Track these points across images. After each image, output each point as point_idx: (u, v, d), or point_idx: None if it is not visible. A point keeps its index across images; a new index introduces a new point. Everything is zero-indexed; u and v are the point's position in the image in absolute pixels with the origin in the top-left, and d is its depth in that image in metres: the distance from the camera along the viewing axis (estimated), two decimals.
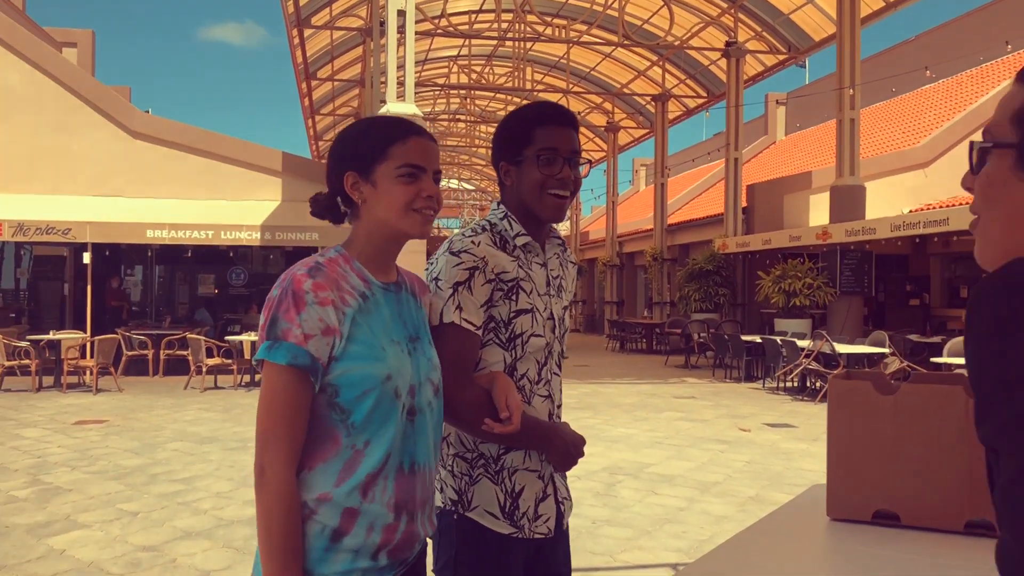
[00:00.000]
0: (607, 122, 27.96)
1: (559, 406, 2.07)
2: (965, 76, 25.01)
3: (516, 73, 23.34)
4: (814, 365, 12.54)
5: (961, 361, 10.53)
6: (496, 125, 2.08)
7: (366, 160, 1.67)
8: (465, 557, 1.91)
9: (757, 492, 6.64)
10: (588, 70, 24.94)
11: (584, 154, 2.06)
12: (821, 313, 16.83)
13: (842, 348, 12.60)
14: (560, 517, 2.03)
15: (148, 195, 15.78)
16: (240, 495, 6.34)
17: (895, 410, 1.79)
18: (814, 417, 10.85)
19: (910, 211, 18.42)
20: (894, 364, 12.79)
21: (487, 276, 1.87)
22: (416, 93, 10.46)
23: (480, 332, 1.88)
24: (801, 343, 13.40)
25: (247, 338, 13.36)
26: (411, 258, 10.57)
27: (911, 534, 1.76)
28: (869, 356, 12.85)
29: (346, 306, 1.59)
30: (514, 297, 1.91)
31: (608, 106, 27.58)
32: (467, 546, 1.91)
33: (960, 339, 11.50)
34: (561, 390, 2.09)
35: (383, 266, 1.72)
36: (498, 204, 2.04)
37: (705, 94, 23.75)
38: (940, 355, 11.73)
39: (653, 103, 24.84)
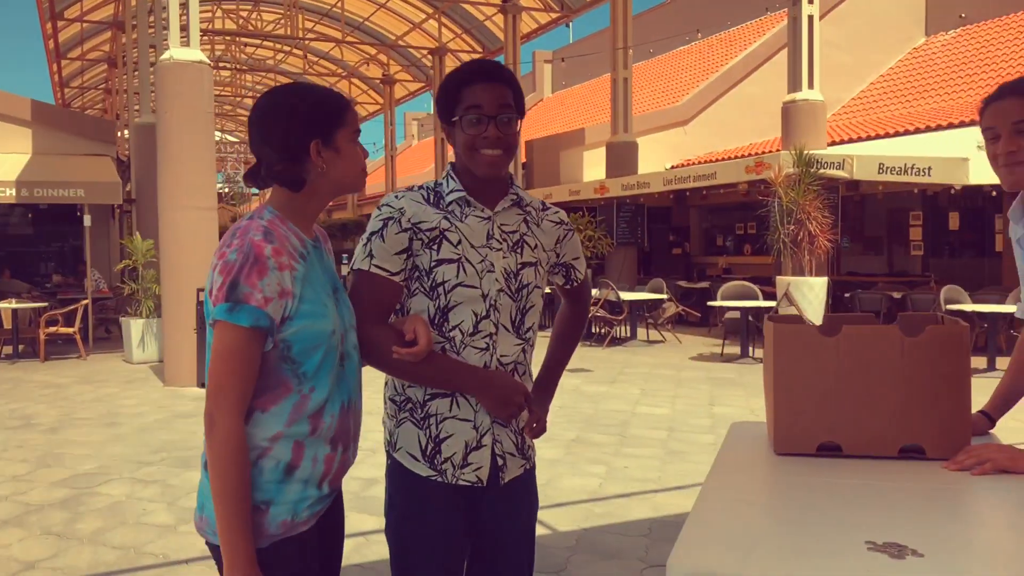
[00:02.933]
0: (383, 74, 27.51)
1: (515, 367, 2.05)
2: (715, 39, 26.91)
3: (286, 20, 22.33)
4: (601, 312, 13.20)
5: (732, 304, 11.51)
6: (263, 74, 2.17)
7: (329, 127, 1.79)
8: (395, 497, 2.05)
9: (577, 435, 6.95)
10: (362, 20, 24.30)
11: (359, 107, 2.14)
12: (599, 263, 17.72)
13: (626, 295, 13.36)
14: (494, 472, 2.03)
15: None
16: (41, 477, 5.78)
17: (837, 351, 1.94)
18: (606, 361, 11.46)
19: (672, 166, 19.72)
20: (671, 309, 13.75)
21: (402, 225, 1.97)
22: (180, 39, 9.72)
23: (397, 278, 1.97)
24: None
25: (5, 306, 12.06)
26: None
27: (852, 462, 1.93)
28: (650, 302, 13.71)
29: (295, 270, 1.73)
30: (435, 247, 1.97)
31: (383, 58, 27.09)
32: (396, 486, 2.05)
33: (731, 284, 12.51)
34: (522, 348, 2.07)
35: (310, 225, 1.87)
36: (451, 165, 2.09)
37: (481, 49, 23.92)
38: (712, 299, 12.74)
39: (430, 56, 24.71)
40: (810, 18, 12.79)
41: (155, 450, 6.65)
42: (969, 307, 10.43)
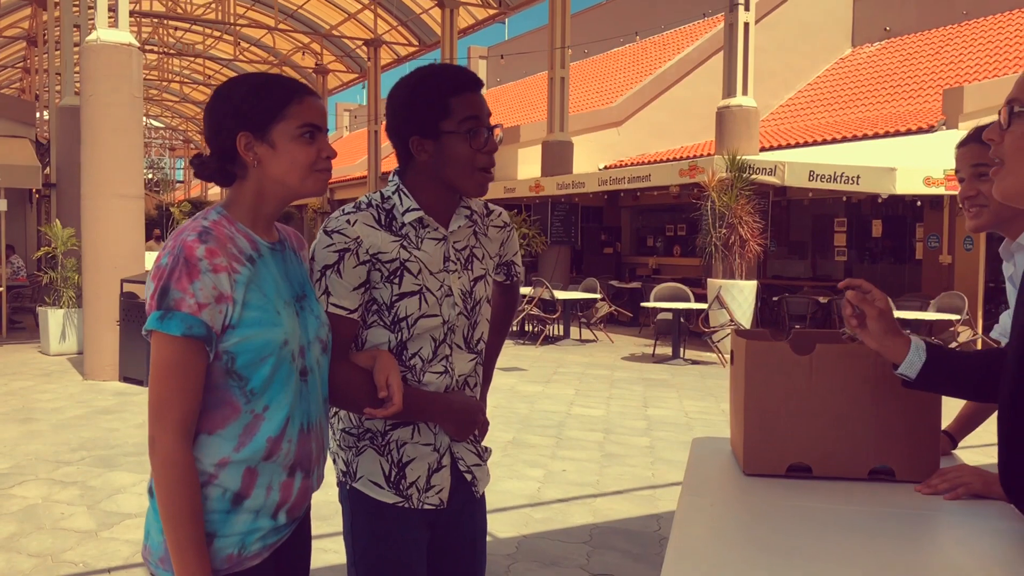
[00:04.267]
0: (316, 64, 27.03)
1: (468, 382, 1.98)
2: (649, 42, 27.19)
3: (217, 5, 21.77)
4: (535, 311, 13.18)
5: (665, 305, 11.60)
6: (191, 59, 1.96)
7: (261, 120, 1.63)
8: (358, 528, 1.93)
9: (514, 436, 6.90)
10: (296, 7, 23.83)
11: None
12: (532, 261, 17.71)
13: (560, 294, 13.37)
14: (463, 488, 1.98)
15: None
16: None
17: (809, 369, 1.91)
18: (539, 360, 11.44)
19: (605, 166, 19.84)
20: (603, 308, 13.81)
21: (360, 258, 1.81)
22: (108, 20, 9.36)
23: (355, 315, 1.83)
24: (522, 290, 14.03)
25: None
26: None
27: (823, 484, 1.90)
28: (583, 301, 13.75)
29: (237, 273, 1.58)
30: (397, 280, 1.85)
31: (316, 47, 26.63)
32: (358, 516, 1.93)
33: (664, 285, 12.62)
34: (475, 364, 1.99)
35: (267, 226, 1.72)
36: (394, 175, 1.93)
37: (417, 43, 23.71)
38: (645, 299, 12.84)
39: (365, 48, 24.38)
40: (746, 25, 12.98)
41: (74, 448, 6.36)
42: (896, 314, 10.71)
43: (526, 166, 20.06)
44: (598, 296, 13.82)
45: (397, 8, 22.72)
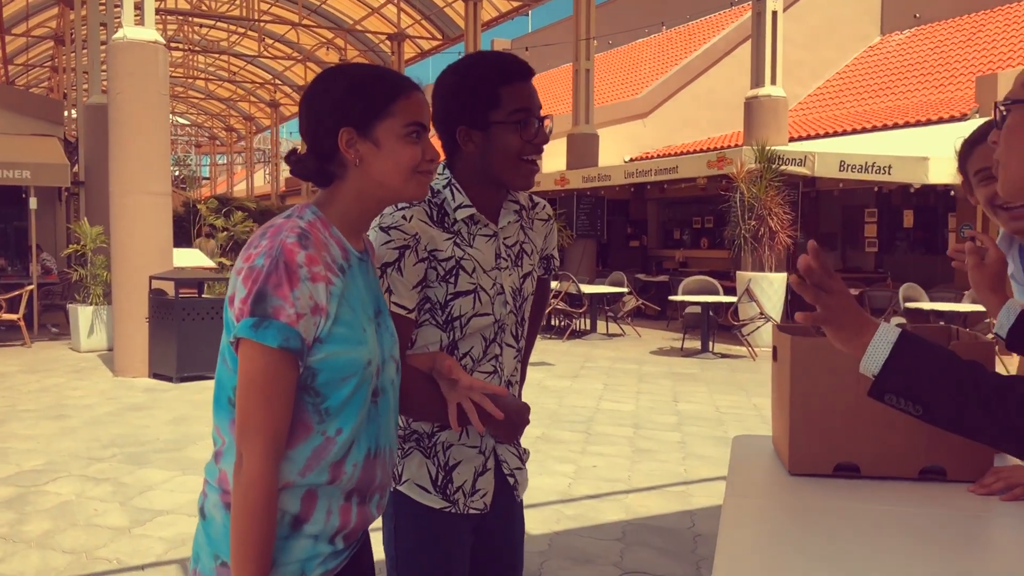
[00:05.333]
0: (339, 59, 27.08)
1: (511, 379, 1.94)
2: (674, 32, 26.98)
3: (242, 1, 21.85)
4: (561, 305, 13.12)
5: (693, 298, 11.50)
6: (216, 56, 1.79)
7: (366, 116, 1.50)
8: (403, 531, 1.87)
9: (543, 431, 6.85)
10: (319, 3, 23.89)
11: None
12: (558, 255, 17.63)
13: (586, 288, 13.29)
14: (506, 491, 1.94)
15: None
16: None
17: (857, 366, 1.84)
18: (567, 354, 11.38)
19: (631, 159, 19.71)
20: (631, 302, 13.73)
21: (419, 255, 1.75)
22: (134, 18, 9.40)
23: (414, 314, 1.77)
24: None
25: None
26: None
27: (872, 484, 1.84)
28: (610, 295, 13.67)
29: (332, 284, 1.46)
30: (452, 280, 1.79)
31: (340, 42, 26.68)
32: (403, 520, 1.87)
33: (692, 278, 12.52)
34: (519, 361, 1.96)
35: (359, 232, 1.59)
36: (443, 168, 1.87)
37: (441, 36, 23.67)
38: (672, 292, 12.74)
39: (388, 42, 24.38)
40: (774, 14, 12.82)
41: (105, 445, 6.39)
42: (927, 305, 10.55)
43: (551, 159, 19.96)
44: (625, 290, 13.73)
45: (421, 2, 22.69)
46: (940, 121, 14.09)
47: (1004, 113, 1.35)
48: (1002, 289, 1.67)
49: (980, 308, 10.37)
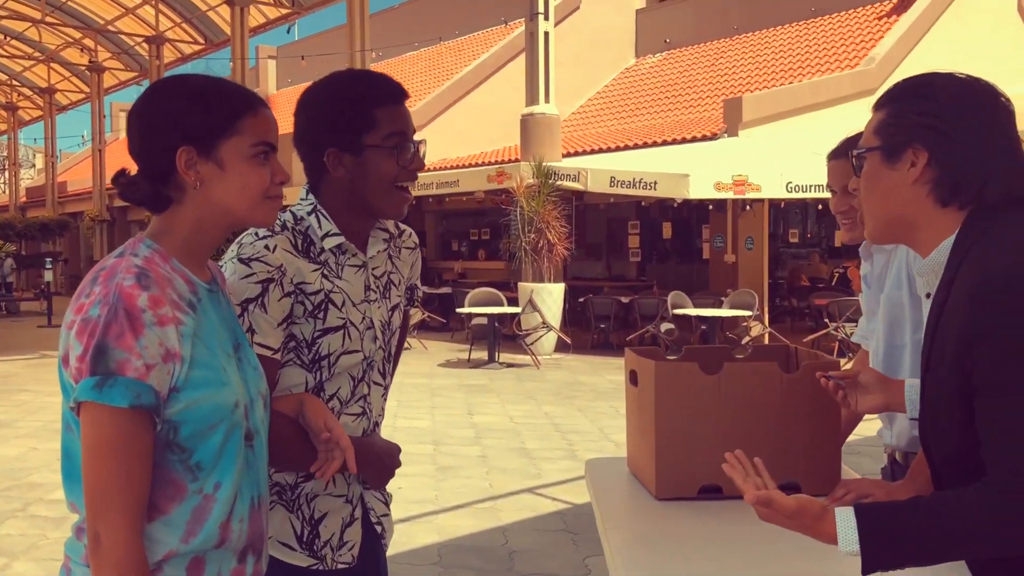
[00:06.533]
0: (90, 61, 25.07)
1: (377, 421, 1.84)
2: (444, 47, 27.31)
3: None
4: None
5: (480, 310, 11.66)
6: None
7: (209, 134, 1.35)
8: None
9: None
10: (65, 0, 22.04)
11: (61, 95, 1.78)
12: None
13: None
14: (373, 540, 1.83)
15: None
16: None
17: (718, 389, 1.91)
18: None
19: None
20: (416, 315, 13.70)
21: (285, 289, 1.61)
22: None
23: (279, 355, 1.62)
24: None
25: None
26: None
27: (734, 504, 1.90)
28: None
29: (182, 324, 1.29)
30: (321, 315, 1.66)
31: (90, 43, 24.72)
32: None
33: (478, 290, 12.69)
34: (384, 398, 1.85)
35: (202, 261, 1.43)
36: (306, 192, 1.73)
37: (204, 41, 22.58)
38: (455, 304, 12.86)
39: (146, 45, 22.89)
40: (546, 34, 13.30)
41: None
42: (693, 311, 11.34)
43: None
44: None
45: (181, 5, 21.53)
46: (694, 140, 15.21)
47: (860, 162, 1.46)
48: (889, 387, 1.76)
49: (739, 313, 11.30)
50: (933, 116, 1.37)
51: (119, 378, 1.21)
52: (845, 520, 1.27)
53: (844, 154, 2.15)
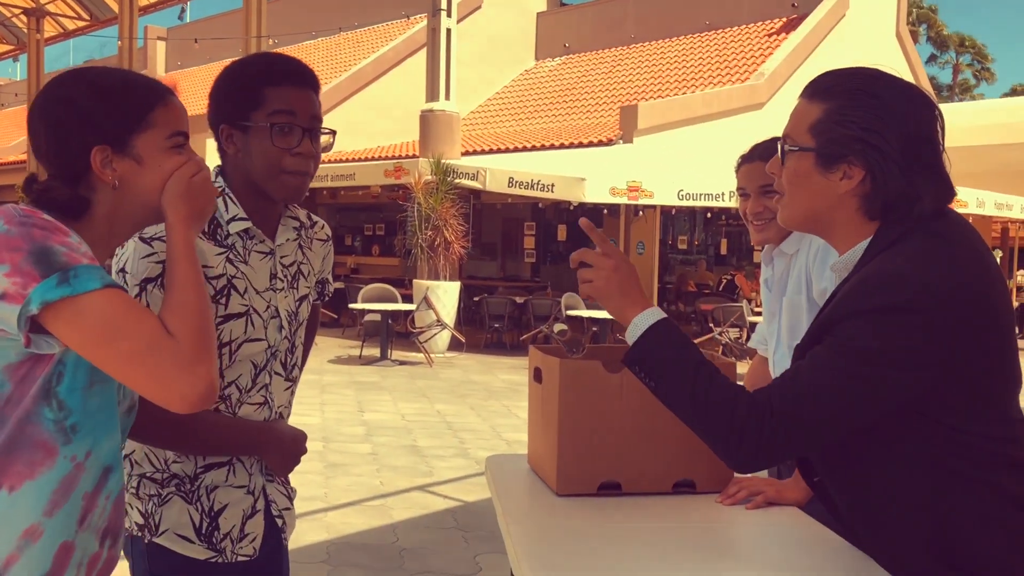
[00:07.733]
0: None
1: (281, 412, 1.80)
2: (342, 38, 26.88)
3: None
4: None
5: (374, 306, 11.54)
6: None
7: (122, 129, 1.31)
8: None
9: None
10: None
11: None
12: None
13: None
14: (274, 533, 1.79)
15: None
16: None
17: (620, 388, 1.94)
18: None
19: None
20: None
21: None
22: None
23: None
24: None
25: None
26: None
27: (631, 501, 1.94)
28: None
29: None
30: (223, 301, 1.63)
31: None
32: (161, 573, 1.66)
33: (372, 286, 12.53)
34: (290, 391, 1.81)
35: (107, 252, 1.40)
36: (216, 175, 1.68)
37: (88, 17, 21.53)
38: (347, 299, 12.69)
39: (24, 17, 21.67)
40: (448, 31, 13.26)
41: None
42: (585, 313, 11.50)
43: (215, 159, 18.96)
44: None
45: None
46: (591, 144, 15.46)
47: (786, 150, 1.45)
48: (797, 481, 1.81)
49: None
50: (875, 133, 1.33)
51: (76, 267, 1.14)
52: (646, 319, 1.47)
53: (759, 157, 2.18)
